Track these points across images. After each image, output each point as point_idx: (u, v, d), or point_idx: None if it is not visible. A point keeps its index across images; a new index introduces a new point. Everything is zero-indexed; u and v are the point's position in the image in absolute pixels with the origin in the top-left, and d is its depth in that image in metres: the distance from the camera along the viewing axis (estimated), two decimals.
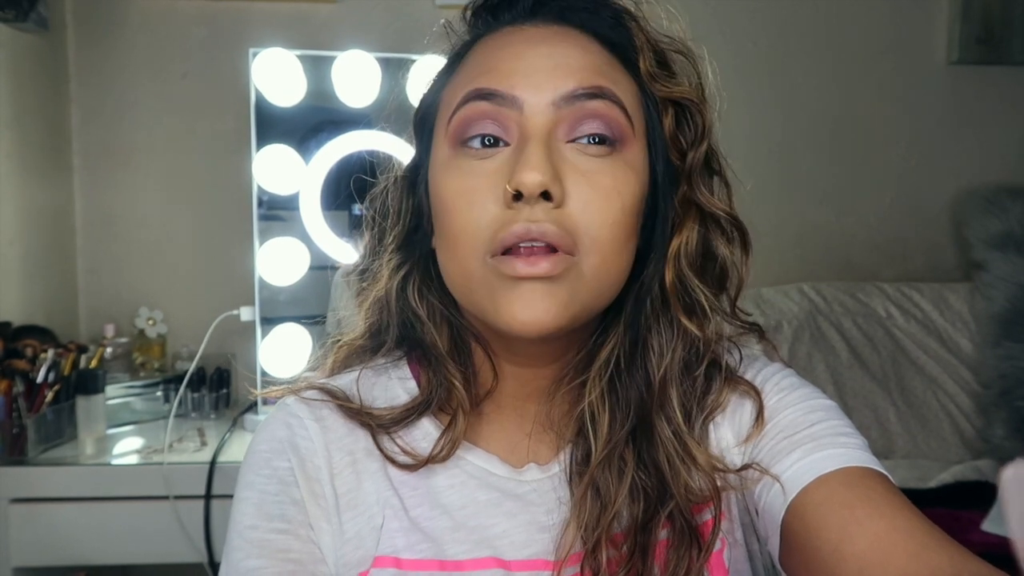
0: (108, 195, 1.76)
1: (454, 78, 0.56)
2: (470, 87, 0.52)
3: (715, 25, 1.80)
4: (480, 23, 0.58)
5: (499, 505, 0.56)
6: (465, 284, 0.53)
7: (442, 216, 0.53)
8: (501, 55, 0.53)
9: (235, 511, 0.56)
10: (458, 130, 0.52)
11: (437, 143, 0.56)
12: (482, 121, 0.52)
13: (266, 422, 0.60)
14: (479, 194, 0.51)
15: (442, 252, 0.55)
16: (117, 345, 1.65)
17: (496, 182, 0.51)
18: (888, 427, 1.68)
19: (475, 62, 0.55)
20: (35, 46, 1.62)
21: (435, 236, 0.57)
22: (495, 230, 0.50)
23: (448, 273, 0.55)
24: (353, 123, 1.66)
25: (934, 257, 1.94)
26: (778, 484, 0.52)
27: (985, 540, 1.30)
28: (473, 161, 0.52)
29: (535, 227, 0.49)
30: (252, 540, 0.53)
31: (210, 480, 1.33)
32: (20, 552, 1.32)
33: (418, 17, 1.78)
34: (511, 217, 0.50)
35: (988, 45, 1.89)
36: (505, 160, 0.51)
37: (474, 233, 0.51)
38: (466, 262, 0.52)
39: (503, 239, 0.50)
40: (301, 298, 1.63)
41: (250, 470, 0.57)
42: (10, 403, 1.34)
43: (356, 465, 0.57)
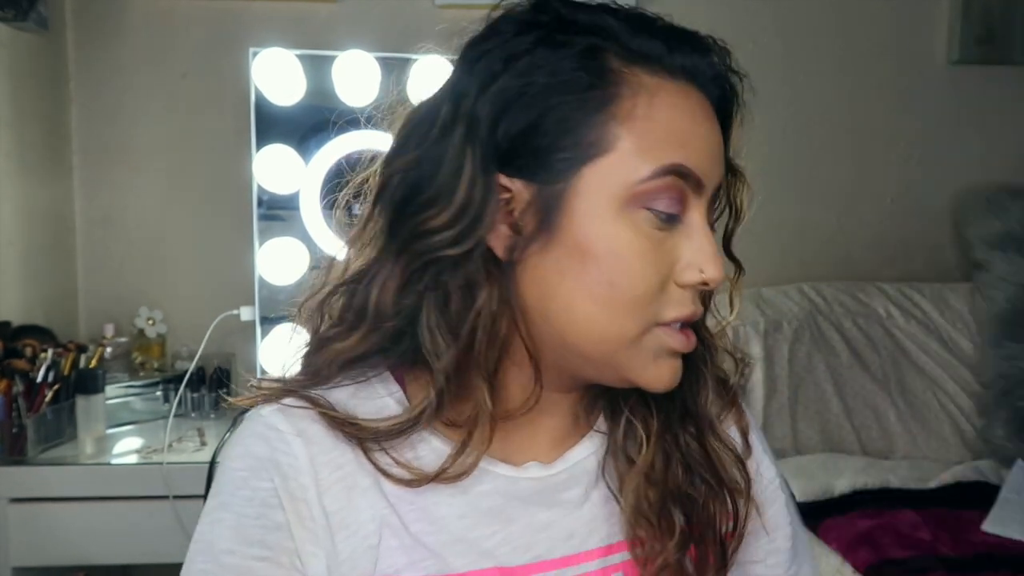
0: (108, 195, 1.76)
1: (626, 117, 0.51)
2: (667, 159, 0.50)
3: (715, 25, 1.79)
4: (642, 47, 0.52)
5: (501, 511, 0.55)
6: (609, 339, 0.52)
7: (612, 269, 0.51)
8: (695, 130, 0.52)
9: (206, 531, 0.52)
10: (644, 196, 0.51)
11: (596, 182, 0.51)
12: (672, 197, 0.51)
13: (240, 436, 0.55)
14: (657, 265, 0.51)
15: (582, 296, 0.51)
16: (117, 345, 1.65)
17: (669, 257, 0.52)
18: (888, 427, 1.67)
19: (663, 120, 0.51)
20: (35, 46, 1.62)
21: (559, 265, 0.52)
22: (667, 304, 0.52)
23: (582, 318, 0.52)
24: (353, 123, 1.66)
25: (934, 257, 1.94)
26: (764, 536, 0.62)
27: (985, 540, 1.30)
28: (651, 228, 0.51)
29: (698, 311, 0.53)
30: (228, 566, 0.50)
31: (210, 480, 1.33)
32: (20, 552, 1.32)
33: (418, 17, 1.78)
34: (685, 298, 0.52)
35: (988, 45, 1.89)
36: (680, 239, 0.52)
37: (646, 299, 0.51)
38: (626, 321, 0.51)
39: (676, 317, 0.52)
40: (301, 298, 1.63)
41: (224, 490, 0.53)
42: (10, 403, 1.34)
43: (346, 480, 0.53)
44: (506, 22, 0.54)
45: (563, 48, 0.51)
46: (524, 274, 0.52)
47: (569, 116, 0.50)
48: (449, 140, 0.51)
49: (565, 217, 0.51)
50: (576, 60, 0.51)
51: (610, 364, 0.53)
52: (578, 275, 0.51)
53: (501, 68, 0.51)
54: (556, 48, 0.51)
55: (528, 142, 0.51)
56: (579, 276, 0.51)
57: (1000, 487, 1.46)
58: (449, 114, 0.52)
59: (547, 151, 0.51)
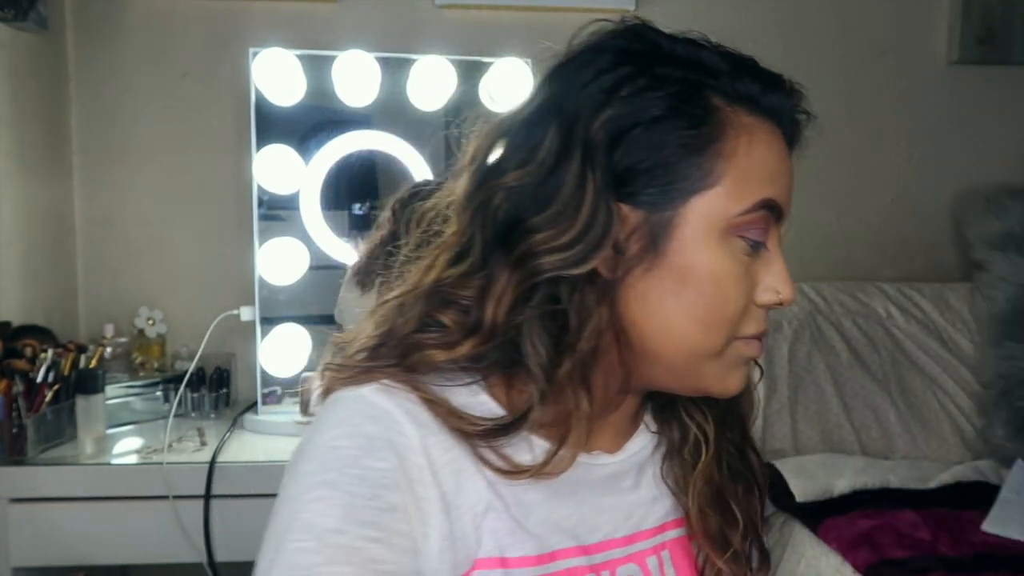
0: (108, 195, 1.76)
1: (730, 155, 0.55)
2: (764, 193, 0.56)
3: (715, 24, 1.80)
4: (744, 88, 0.57)
5: (574, 495, 0.59)
6: (698, 352, 0.57)
7: (709, 290, 0.56)
8: (781, 167, 0.58)
9: (303, 510, 0.50)
10: (741, 226, 0.56)
11: (702, 212, 0.55)
12: (761, 228, 0.57)
13: (340, 414, 0.54)
14: (745, 288, 0.57)
15: (681, 314, 0.56)
16: (117, 345, 1.65)
17: (753, 280, 0.58)
18: (888, 427, 1.67)
19: (759, 158, 0.56)
20: (35, 46, 1.62)
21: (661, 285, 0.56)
22: (748, 321, 0.58)
23: (678, 332, 0.57)
24: (353, 123, 1.67)
25: (934, 257, 1.94)
26: None
27: (985, 540, 1.30)
28: (742, 255, 0.57)
29: (767, 327, 0.60)
30: (336, 545, 0.48)
31: (210, 480, 1.33)
32: (20, 552, 1.32)
33: (418, 17, 1.78)
34: (761, 316, 0.59)
35: (988, 45, 1.89)
36: (760, 263, 0.58)
37: (734, 316, 0.57)
38: (714, 337, 0.57)
39: (755, 332, 0.58)
40: (301, 298, 1.63)
41: (330, 468, 0.51)
42: (10, 403, 1.34)
43: (454, 463, 0.54)
44: (602, 48, 0.57)
45: (668, 82, 0.55)
46: (625, 292, 0.56)
47: (681, 151, 0.55)
48: (566, 164, 0.54)
49: (672, 242, 0.55)
50: (684, 96, 0.55)
51: (692, 375, 0.59)
52: (678, 295, 0.56)
53: (606, 97, 0.55)
54: (661, 81, 0.55)
55: (642, 172, 0.55)
56: (679, 296, 0.56)
57: (1000, 487, 1.46)
58: (561, 138, 0.55)
59: (660, 182, 0.55)
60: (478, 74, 1.64)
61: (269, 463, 1.39)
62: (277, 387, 1.61)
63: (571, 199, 0.53)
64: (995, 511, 1.37)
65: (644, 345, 0.57)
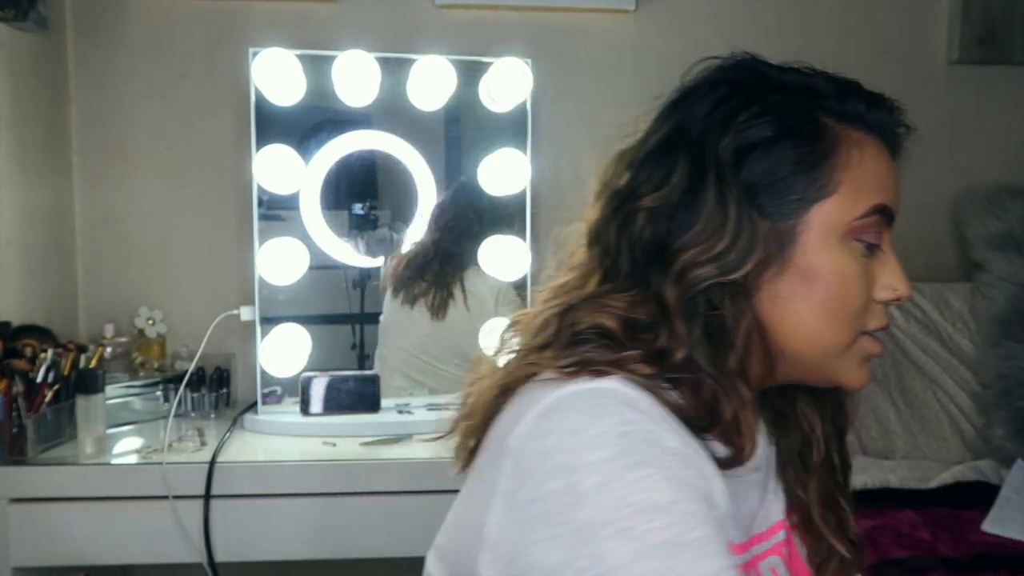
0: (108, 195, 1.76)
1: (844, 166, 0.62)
2: (877, 199, 0.63)
3: (715, 26, 1.80)
4: (851, 108, 0.65)
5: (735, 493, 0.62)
6: (830, 347, 0.64)
7: (835, 288, 0.62)
8: (889, 176, 0.66)
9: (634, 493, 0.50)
10: (858, 230, 0.63)
11: (822, 218, 0.62)
12: (877, 231, 0.64)
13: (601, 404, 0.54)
14: (865, 284, 0.64)
15: (811, 312, 0.62)
16: (117, 345, 1.65)
17: (871, 278, 0.65)
18: (888, 427, 1.67)
19: (870, 168, 0.64)
20: (35, 46, 1.62)
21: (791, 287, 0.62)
22: (870, 317, 0.65)
23: (809, 329, 0.63)
24: (353, 123, 1.67)
25: (934, 257, 1.94)
26: None
27: (985, 540, 1.30)
28: (859, 256, 0.64)
29: (888, 321, 0.67)
30: (685, 513, 0.50)
31: (209, 480, 1.33)
32: (20, 552, 1.32)
33: (418, 17, 1.78)
34: (881, 311, 0.66)
35: (988, 45, 1.89)
36: (876, 263, 0.65)
37: (858, 314, 0.64)
38: (843, 332, 0.63)
39: (878, 326, 0.65)
40: (301, 298, 1.63)
41: (633, 451, 0.51)
42: (10, 403, 1.34)
43: (699, 452, 0.56)
44: (717, 82, 0.65)
45: (779, 107, 0.63)
46: (760, 295, 0.62)
47: (798, 166, 0.62)
48: (702, 185, 0.61)
49: (797, 247, 0.62)
50: (795, 118, 0.63)
51: (826, 369, 0.65)
52: (807, 295, 0.62)
53: (726, 124, 0.62)
54: (772, 106, 0.63)
55: (765, 187, 0.61)
56: (808, 295, 0.62)
57: (1000, 487, 1.46)
58: (692, 163, 0.62)
59: (782, 194, 0.62)
60: (478, 74, 1.64)
61: (269, 463, 1.39)
62: (277, 387, 1.61)
63: (715, 214, 0.60)
64: (995, 511, 1.37)
65: (781, 343, 0.63)
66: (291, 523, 1.36)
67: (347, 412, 1.57)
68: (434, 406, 1.62)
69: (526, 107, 1.65)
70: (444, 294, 1.71)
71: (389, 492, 1.37)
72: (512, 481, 0.54)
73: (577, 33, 1.82)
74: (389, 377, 1.67)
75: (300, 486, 1.36)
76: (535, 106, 1.67)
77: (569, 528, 0.50)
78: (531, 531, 0.51)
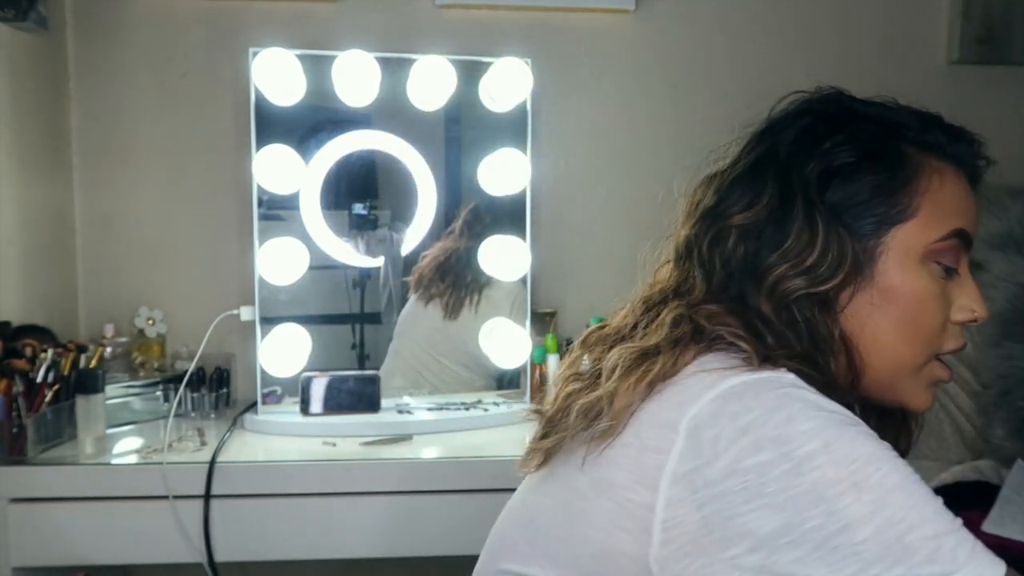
0: (108, 195, 1.76)
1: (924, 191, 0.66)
2: (956, 224, 0.67)
3: (715, 25, 1.80)
4: (933, 139, 0.69)
5: None
6: (903, 365, 0.68)
7: (912, 307, 0.66)
8: (968, 203, 0.69)
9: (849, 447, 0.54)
10: (936, 253, 0.66)
11: (901, 240, 0.66)
12: (954, 255, 0.67)
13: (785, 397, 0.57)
14: (942, 305, 0.67)
15: (888, 329, 0.66)
16: (117, 345, 1.65)
17: (948, 299, 0.68)
18: None
19: (950, 194, 0.67)
20: (35, 46, 1.62)
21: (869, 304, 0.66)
22: (947, 338, 0.68)
23: (885, 345, 0.67)
24: (353, 123, 1.67)
25: None
26: None
27: (985, 540, 1.29)
28: (937, 278, 0.67)
29: (965, 343, 0.70)
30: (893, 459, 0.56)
31: (209, 480, 1.33)
32: (20, 552, 1.32)
33: (418, 17, 1.78)
34: (958, 332, 0.69)
35: (988, 45, 1.89)
36: (953, 285, 0.68)
37: (934, 334, 0.67)
38: (918, 352, 0.67)
39: (954, 347, 0.69)
40: (301, 298, 1.63)
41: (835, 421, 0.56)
42: (10, 403, 1.34)
43: None
44: (803, 112, 0.70)
45: (861, 135, 0.67)
46: (844, 308, 0.66)
47: (878, 190, 0.66)
48: (791, 203, 0.66)
49: (878, 266, 0.66)
50: (876, 146, 0.67)
51: (894, 387, 0.68)
52: (886, 312, 0.66)
53: (812, 150, 0.67)
54: (855, 135, 0.67)
55: (847, 208, 0.66)
56: (887, 313, 0.66)
57: (1000, 487, 1.46)
58: (781, 184, 0.67)
59: (863, 216, 0.66)
60: (478, 74, 1.64)
61: (269, 463, 1.39)
62: (277, 387, 1.61)
63: (803, 231, 0.64)
64: (995, 511, 1.37)
65: (861, 357, 0.66)
66: (291, 523, 1.36)
67: (347, 412, 1.57)
68: (435, 406, 1.62)
69: (526, 107, 1.65)
70: (462, 294, 1.72)
71: (389, 492, 1.37)
72: (692, 460, 0.56)
73: (577, 33, 1.82)
74: (400, 372, 1.68)
75: (300, 486, 1.36)
76: (535, 106, 1.67)
77: (789, 494, 0.53)
78: (736, 503, 0.54)
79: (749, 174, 0.69)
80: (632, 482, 0.59)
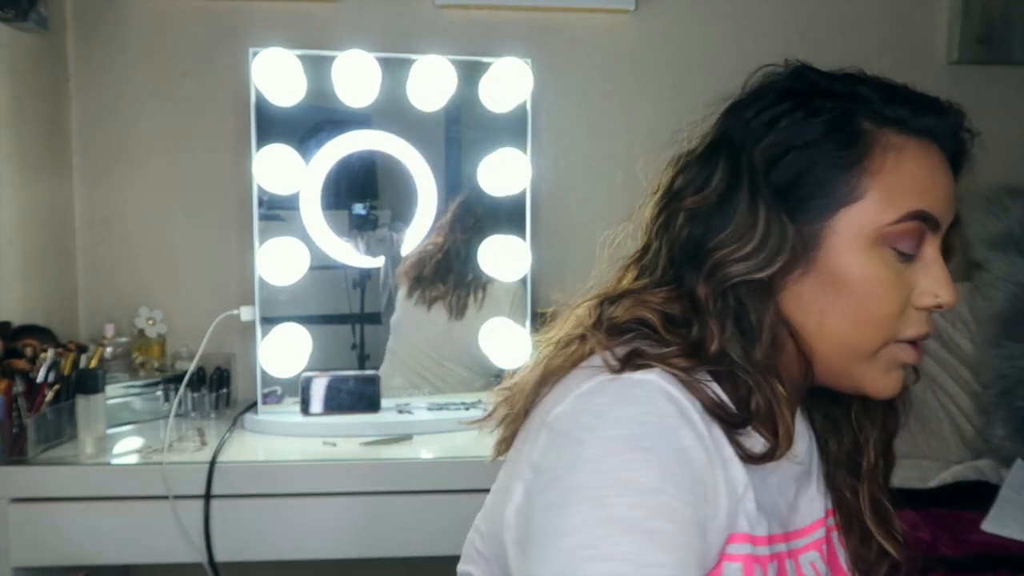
0: (108, 195, 1.76)
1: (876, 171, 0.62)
2: (912, 206, 0.62)
3: (715, 25, 1.80)
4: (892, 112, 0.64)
5: (783, 487, 0.68)
6: (853, 351, 0.64)
7: (860, 293, 0.62)
8: (932, 180, 0.63)
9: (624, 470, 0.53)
10: (890, 237, 0.62)
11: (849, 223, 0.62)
12: (913, 238, 0.63)
13: (636, 394, 0.58)
14: (899, 291, 0.63)
15: (835, 315, 0.63)
16: (117, 345, 1.65)
17: (909, 284, 0.64)
18: None
19: (908, 173, 0.62)
20: (35, 46, 1.62)
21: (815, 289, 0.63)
22: (906, 324, 0.64)
23: (832, 332, 0.64)
24: (353, 123, 1.67)
25: None
26: None
27: (985, 540, 1.30)
28: (894, 262, 0.63)
29: (931, 330, 0.65)
30: (659, 504, 0.53)
31: (210, 480, 1.33)
32: (20, 552, 1.32)
33: (418, 17, 1.78)
34: (922, 318, 0.64)
35: (988, 45, 1.89)
36: (917, 268, 0.64)
37: (887, 320, 0.63)
38: (868, 338, 0.63)
39: (915, 334, 0.64)
40: (301, 298, 1.63)
41: (644, 437, 0.55)
42: (10, 403, 1.34)
43: (722, 451, 0.60)
44: (766, 89, 0.67)
45: (822, 111, 0.63)
46: (784, 295, 0.64)
47: (829, 170, 0.62)
48: (737, 187, 0.63)
49: (822, 250, 0.63)
50: (835, 122, 0.63)
51: (848, 374, 0.65)
52: (832, 298, 0.63)
53: (767, 129, 0.64)
54: (816, 111, 0.63)
55: (794, 190, 0.63)
56: (833, 299, 0.63)
57: (1000, 487, 1.46)
58: (729, 166, 0.64)
59: (810, 197, 0.63)
60: (478, 74, 1.64)
61: (269, 463, 1.39)
62: (277, 387, 1.62)
63: (746, 216, 0.62)
64: (995, 511, 1.37)
65: (809, 344, 0.64)
66: (291, 523, 1.36)
67: (347, 412, 1.57)
68: (435, 406, 1.62)
69: (526, 107, 1.65)
70: (464, 293, 1.72)
71: (389, 492, 1.37)
72: (541, 451, 0.59)
73: (577, 33, 1.82)
74: (399, 372, 1.68)
75: (300, 486, 1.36)
76: (535, 106, 1.67)
77: (557, 491, 0.55)
78: (537, 492, 0.57)
79: (704, 156, 0.67)
80: (516, 470, 0.62)
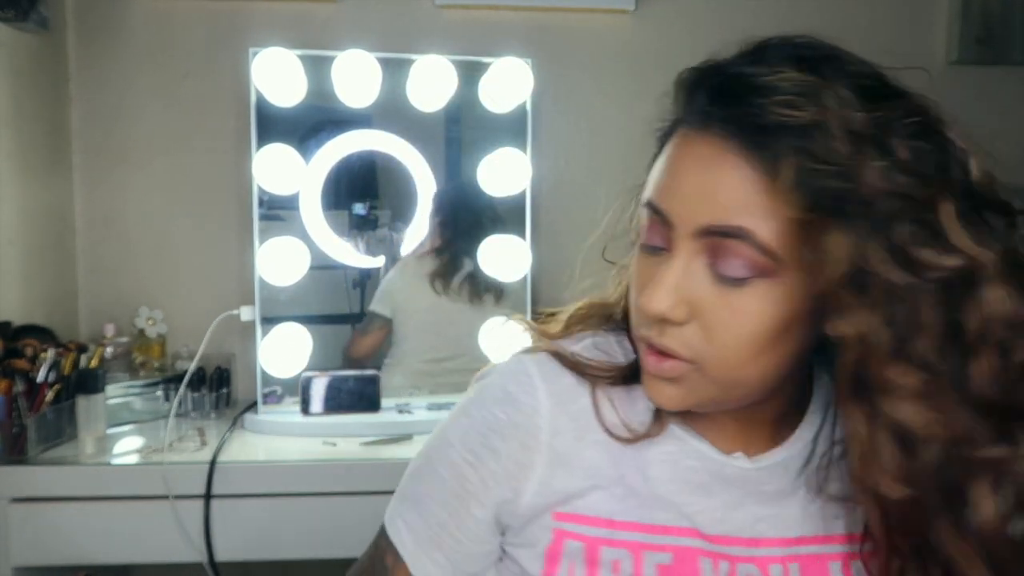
0: (108, 195, 1.76)
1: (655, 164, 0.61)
2: (647, 195, 0.60)
3: (714, 24, 1.80)
4: (678, 107, 0.61)
5: (704, 486, 0.64)
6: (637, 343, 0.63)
7: (630, 286, 0.63)
8: (672, 169, 0.58)
9: (451, 424, 0.69)
10: (642, 229, 0.61)
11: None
12: (653, 230, 0.59)
13: (503, 370, 0.68)
14: (636, 289, 0.61)
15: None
16: (117, 345, 1.65)
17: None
18: None
19: (659, 165, 0.60)
20: (35, 46, 1.62)
21: None
22: (636, 322, 0.61)
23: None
24: (353, 123, 1.67)
25: None
26: None
27: None
28: (647, 256, 0.60)
29: (656, 340, 0.58)
30: (447, 456, 0.67)
31: (210, 480, 1.33)
32: (20, 552, 1.32)
33: (418, 17, 1.78)
34: (643, 320, 0.59)
35: (988, 45, 1.89)
36: (666, 266, 0.57)
37: (637, 318, 0.61)
38: (634, 332, 0.62)
39: (638, 334, 0.61)
40: (301, 298, 1.63)
41: (476, 402, 0.68)
42: (10, 403, 1.34)
43: (578, 431, 0.64)
44: None
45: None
46: None
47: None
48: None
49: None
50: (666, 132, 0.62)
51: None
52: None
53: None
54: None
55: None
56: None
57: None
58: None
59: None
60: (478, 74, 1.64)
61: (269, 463, 1.39)
62: (277, 387, 1.62)
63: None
64: None
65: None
66: (291, 523, 1.36)
67: (347, 412, 1.57)
68: (435, 406, 1.62)
69: (526, 107, 1.65)
70: (464, 293, 1.72)
71: (389, 492, 1.37)
72: None
73: (577, 33, 1.82)
74: (399, 372, 1.68)
75: (300, 486, 1.36)
76: (535, 106, 1.67)
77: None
78: None
79: None
80: None
